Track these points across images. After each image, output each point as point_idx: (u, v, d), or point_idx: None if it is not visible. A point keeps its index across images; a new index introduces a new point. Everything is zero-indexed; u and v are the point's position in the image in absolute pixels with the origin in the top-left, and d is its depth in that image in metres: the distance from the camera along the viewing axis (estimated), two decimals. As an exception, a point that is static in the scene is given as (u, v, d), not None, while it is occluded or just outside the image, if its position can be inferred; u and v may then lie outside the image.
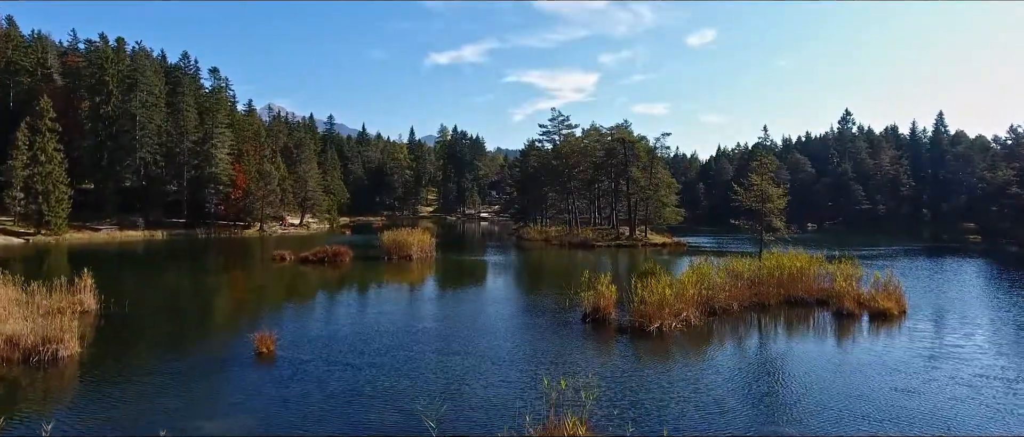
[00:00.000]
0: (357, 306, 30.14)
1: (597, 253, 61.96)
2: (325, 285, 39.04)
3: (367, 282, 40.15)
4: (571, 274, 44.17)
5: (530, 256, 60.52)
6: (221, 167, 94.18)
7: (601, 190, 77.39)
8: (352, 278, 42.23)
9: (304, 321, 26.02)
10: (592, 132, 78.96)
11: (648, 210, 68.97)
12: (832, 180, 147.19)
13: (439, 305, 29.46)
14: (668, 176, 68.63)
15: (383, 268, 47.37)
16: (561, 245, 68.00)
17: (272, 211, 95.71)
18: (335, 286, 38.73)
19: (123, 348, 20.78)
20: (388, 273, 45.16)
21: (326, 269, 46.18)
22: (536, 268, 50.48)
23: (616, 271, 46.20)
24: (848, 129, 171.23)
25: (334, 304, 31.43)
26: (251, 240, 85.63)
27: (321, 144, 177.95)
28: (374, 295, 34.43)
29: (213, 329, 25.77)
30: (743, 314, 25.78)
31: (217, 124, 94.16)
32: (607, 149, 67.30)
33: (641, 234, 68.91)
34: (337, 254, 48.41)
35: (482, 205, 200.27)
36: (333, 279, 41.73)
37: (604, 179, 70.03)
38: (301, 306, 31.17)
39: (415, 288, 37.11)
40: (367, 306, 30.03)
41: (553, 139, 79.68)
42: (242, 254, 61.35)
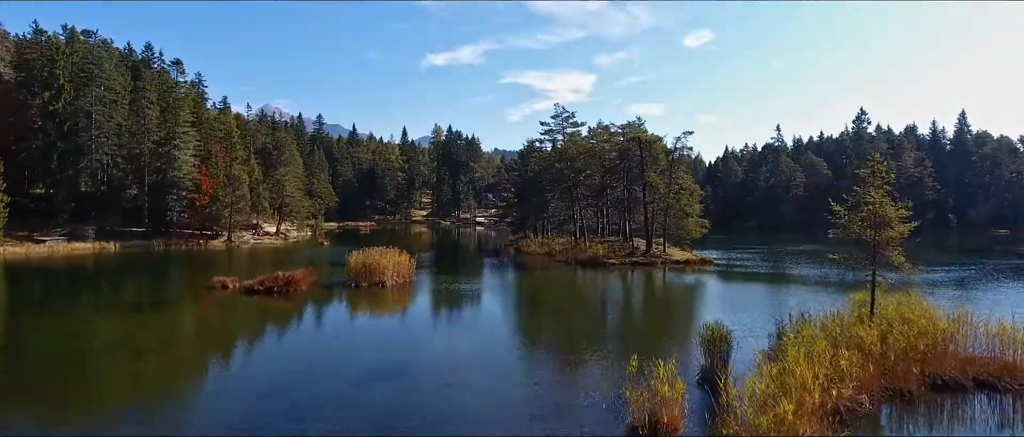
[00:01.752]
0: (286, 376, 20.46)
1: (611, 273, 52.40)
2: (257, 333, 29.37)
3: (319, 325, 30.52)
4: (591, 311, 35.31)
5: (533, 279, 50.91)
6: (184, 170, 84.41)
7: (612, 198, 67.64)
8: (301, 319, 32.59)
9: (191, 408, 16.36)
10: (601, 131, 69.31)
11: (667, 221, 59.40)
12: (851, 183, 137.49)
13: (403, 386, 19.76)
14: (691, 181, 59.16)
15: (347, 300, 37.76)
16: (566, 262, 58.38)
17: (242, 219, 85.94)
18: (274, 332, 29.07)
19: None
20: (353, 306, 35.60)
21: (275, 302, 36.53)
22: (542, 301, 40.77)
23: (647, 305, 36.56)
24: (863, 129, 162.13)
25: (255, 371, 21.76)
26: (214, 253, 75.85)
27: (309, 145, 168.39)
28: (317, 352, 24.76)
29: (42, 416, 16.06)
30: (876, 412, 16.20)
31: (179, 122, 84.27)
32: (620, 150, 57.73)
33: (659, 248, 59.34)
34: (291, 282, 38.73)
35: (478, 209, 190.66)
36: (277, 318, 32.07)
37: (616, 185, 60.34)
38: (205, 373, 21.54)
39: (377, 341, 27.42)
40: (298, 377, 20.34)
41: (556, 139, 70.09)
42: (189, 274, 51.61)
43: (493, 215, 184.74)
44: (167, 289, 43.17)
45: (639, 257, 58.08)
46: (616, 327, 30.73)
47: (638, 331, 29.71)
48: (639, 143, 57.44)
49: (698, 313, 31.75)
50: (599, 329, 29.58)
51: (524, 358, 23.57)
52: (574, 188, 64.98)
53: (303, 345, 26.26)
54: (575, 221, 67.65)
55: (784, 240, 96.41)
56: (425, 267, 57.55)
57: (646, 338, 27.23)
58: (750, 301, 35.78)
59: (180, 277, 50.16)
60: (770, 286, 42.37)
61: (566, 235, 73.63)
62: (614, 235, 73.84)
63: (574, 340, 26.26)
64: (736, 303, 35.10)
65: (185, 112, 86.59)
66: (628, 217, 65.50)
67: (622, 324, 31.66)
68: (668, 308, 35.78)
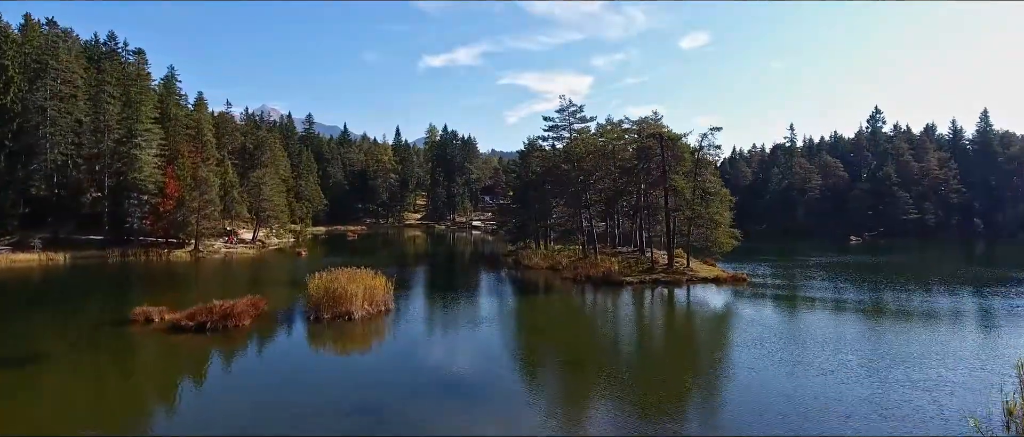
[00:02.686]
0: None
1: (632, 295, 44.08)
2: (150, 403, 20.89)
3: (245, 386, 22.06)
4: (619, 357, 24.00)
5: (539, 305, 42.57)
6: (146, 171, 75.83)
7: (626, 205, 59.10)
8: (228, 372, 24.13)
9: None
10: (611, 129, 60.77)
11: (692, 231, 51.09)
12: (872, 185, 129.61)
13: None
14: (720, 185, 50.77)
15: (299, 340, 29.39)
16: (575, 279, 49.99)
17: (211, 226, 77.37)
18: (176, 396, 20.59)
19: None
20: (304, 350, 27.25)
21: (205, 343, 28.14)
22: (554, 338, 32.21)
23: (707, 355, 27.97)
24: (879, 128, 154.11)
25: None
26: (176, 265, 67.34)
27: (298, 146, 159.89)
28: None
29: None
30: None
31: (141, 118, 75.70)
32: (639, 148, 49.25)
33: (681, 262, 51.03)
34: (229, 315, 30.23)
35: (474, 212, 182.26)
36: (196, 372, 23.60)
37: (633, 190, 51.76)
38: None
39: (320, 406, 18.96)
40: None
41: (561, 136, 61.54)
42: (125, 297, 43.05)
43: (490, 219, 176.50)
44: (75, 322, 34.59)
45: (660, 273, 49.73)
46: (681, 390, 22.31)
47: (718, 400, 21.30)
48: (660, 141, 49.01)
49: (836, 376, 23.18)
50: (633, 366, 21.17)
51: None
52: (583, 192, 56.46)
53: (205, 420, 17.79)
54: (583, 230, 59.14)
55: (805, 248, 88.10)
56: (410, 286, 49.22)
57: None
58: (879, 348, 27.07)
59: (111, 301, 41.62)
60: (869, 321, 33.68)
61: (572, 245, 65.23)
62: (625, 246, 65.50)
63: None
64: (766, 320, 26.77)
65: (148, 107, 78.00)
66: (644, 226, 57.08)
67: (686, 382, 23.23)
68: (759, 369, 25.78)
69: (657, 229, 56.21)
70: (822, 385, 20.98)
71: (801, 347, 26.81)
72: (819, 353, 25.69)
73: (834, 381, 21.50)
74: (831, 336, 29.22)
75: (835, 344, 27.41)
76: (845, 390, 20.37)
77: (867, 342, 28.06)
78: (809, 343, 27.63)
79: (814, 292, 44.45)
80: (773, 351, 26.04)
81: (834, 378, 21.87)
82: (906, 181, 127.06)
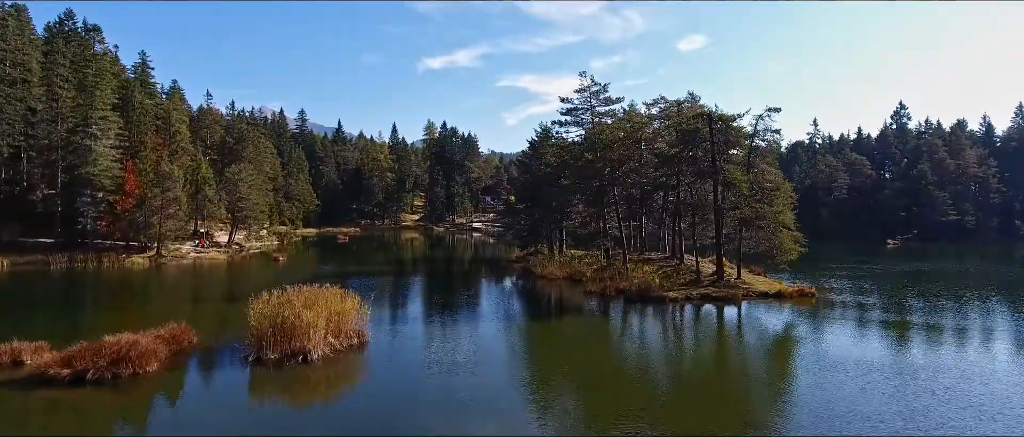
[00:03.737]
0: None
1: (678, 314, 34.70)
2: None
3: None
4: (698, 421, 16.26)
5: (565, 332, 33.10)
6: (102, 165, 66.28)
7: (663, 202, 49.28)
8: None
9: None
10: (634, 116, 51.07)
11: (741, 235, 41.63)
12: (905, 185, 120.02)
13: None
14: (780, 178, 41.14)
15: (225, 397, 19.95)
16: (604, 293, 40.47)
17: (176, 228, 67.76)
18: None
19: None
20: (228, 417, 17.77)
21: (81, 402, 18.73)
22: (596, 390, 22.55)
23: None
24: (905, 124, 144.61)
25: None
26: (129, 274, 57.83)
27: (290, 143, 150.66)
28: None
29: None
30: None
31: (95, 105, 66.17)
32: (683, 132, 39.60)
33: (731, 274, 41.56)
34: (126, 358, 20.72)
35: (475, 213, 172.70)
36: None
37: (673, 183, 41.83)
38: None
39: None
40: None
41: (582, 120, 51.84)
42: (35, 318, 33.48)
43: (491, 220, 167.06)
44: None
45: (708, 287, 40.22)
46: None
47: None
48: (709, 123, 39.40)
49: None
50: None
51: None
52: (610, 188, 46.72)
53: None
54: (608, 233, 49.53)
55: (840, 253, 78.61)
56: (399, 303, 39.78)
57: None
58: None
59: (5, 327, 32.03)
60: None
61: (591, 250, 55.66)
62: (653, 251, 56.00)
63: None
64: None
65: (105, 91, 68.45)
66: (680, 228, 47.52)
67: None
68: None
69: (696, 228, 46.63)
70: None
71: (955, 411, 17.37)
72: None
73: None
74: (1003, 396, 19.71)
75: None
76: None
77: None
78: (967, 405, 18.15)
79: (905, 313, 34.95)
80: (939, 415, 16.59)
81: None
82: (941, 180, 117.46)
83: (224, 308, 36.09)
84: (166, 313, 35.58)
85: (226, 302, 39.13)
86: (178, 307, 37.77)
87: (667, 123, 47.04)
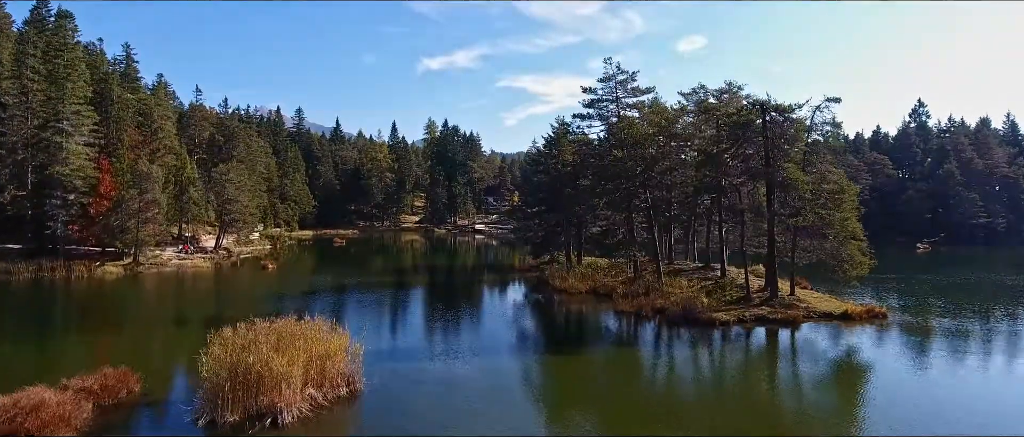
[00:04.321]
0: None
1: (734, 340, 29.09)
2: None
3: None
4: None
5: (605, 368, 27.43)
6: (75, 164, 60.50)
7: (704, 206, 43.23)
8: None
9: None
10: (659, 111, 45.07)
11: (795, 243, 35.91)
12: (931, 185, 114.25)
13: None
14: (843, 178, 35.24)
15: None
16: (641, 312, 34.73)
17: (155, 232, 61.93)
18: None
19: None
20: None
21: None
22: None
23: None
24: (924, 122, 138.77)
25: None
26: (103, 284, 52.14)
27: (286, 142, 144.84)
28: None
29: None
30: None
31: (67, 98, 60.40)
32: (733, 125, 33.70)
33: (783, 288, 35.85)
34: (20, 429, 14.90)
35: (477, 214, 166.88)
36: None
37: (724, 184, 35.57)
38: None
39: None
40: None
41: (606, 114, 45.93)
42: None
43: (495, 222, 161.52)
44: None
45: (761, 306, 34.47)
46: None
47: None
48: (762, 112, 33.63)
49: None
50: None
51: None
52: (642, 189, 40.77)
53: None
54: (636, 240, 43.66)
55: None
56: (399, 325, 34.13)
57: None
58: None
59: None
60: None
61: (610, 258, 49.84)
62: (682, 259, 50.28)
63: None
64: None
65: (78, 84, 62.67)
66: (720, 235, 41.70)
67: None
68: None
69: (739, 235, 40.91)
70: None
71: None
72: None
73: None
74: None
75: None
76: None
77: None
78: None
79: (1015, 341, 29.23)
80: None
81: None
82: (968, 181, 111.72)
83: (191, 334, 30.38)
84: (118, 341, 29.90)
85: (196, 325, 33.35)
86: (136, 332, 32.09)
87: (706, 116, 41.07)
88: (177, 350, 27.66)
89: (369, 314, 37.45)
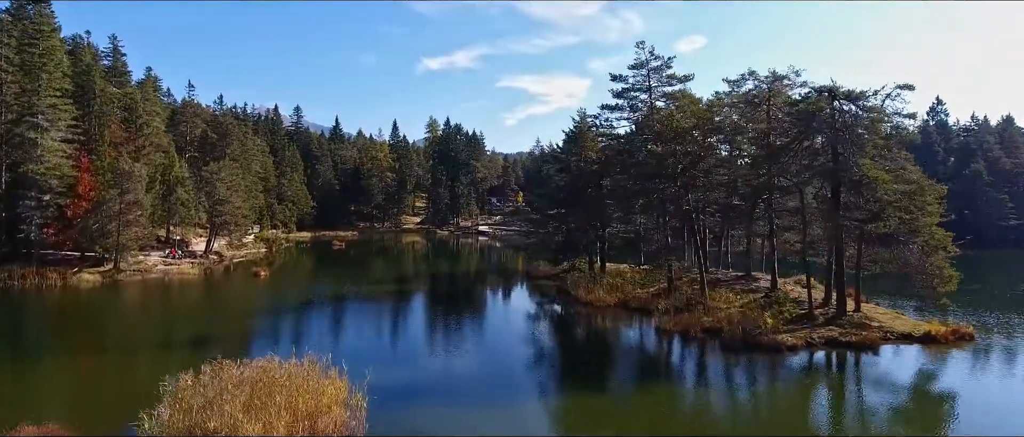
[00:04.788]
0: None
1: (812, 369, 24.38)
2: None
3: None
4: None
5: (664, 419, 22.41)
6: (51, 162, 55.65)
7: (758, 208, 37.99)
8: None
9: None
10: (692, 104, 39.92)
11: (869, 250, 31.12)
12: (957, 186, 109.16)
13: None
14: (921, 175, 30.35)
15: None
16: (685, 334, 29.82)
17: (138, 235, 56.99)
18: None
19: None
20: None
21: None
22: None
23: None
24: (944, 120, 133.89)
25: None
26: (77, 294, 47.36)
27: (284, 141, 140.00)
28: None
29: None
30: None
31: (42, 91, 55.57)
32: (799, 114, 28.79)
33: (850, 303, 31.04)
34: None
35: (480, 215, 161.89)
36: None
37: (781, 181, 30.67)
38: None
39: None
40: None
41: (637, 105, 40.82)
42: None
43: (498, 223, 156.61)
44: None
45: (826, 326, 29.64)
46: None
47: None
48: (831, 100, 28.78)
49: None
50: None
51: None
52: (683, 190, 35.69)
53: None
54: (669, 245, 38.68)
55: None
56: (400, 345, 29.36)
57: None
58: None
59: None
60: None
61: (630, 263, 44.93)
62: (714, 267, 45.36)
63: None
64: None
65: (54, 75, 57.83)
66: (770, 240, 36.85)
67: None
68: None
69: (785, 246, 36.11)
70: None
71: None
72: None
73: None
74: None
75: None
76: None
77: None
78: None
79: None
80: None
81: None
82: (997, 181, 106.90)
83: (159, 364, 25.48)
84: (66, 375, 25.01)
85: (166, 351, 28.45)
86: (92, 362, 27.17)
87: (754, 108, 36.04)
88: (135, 389, 22.76)
89: (369, 336, 32.67)
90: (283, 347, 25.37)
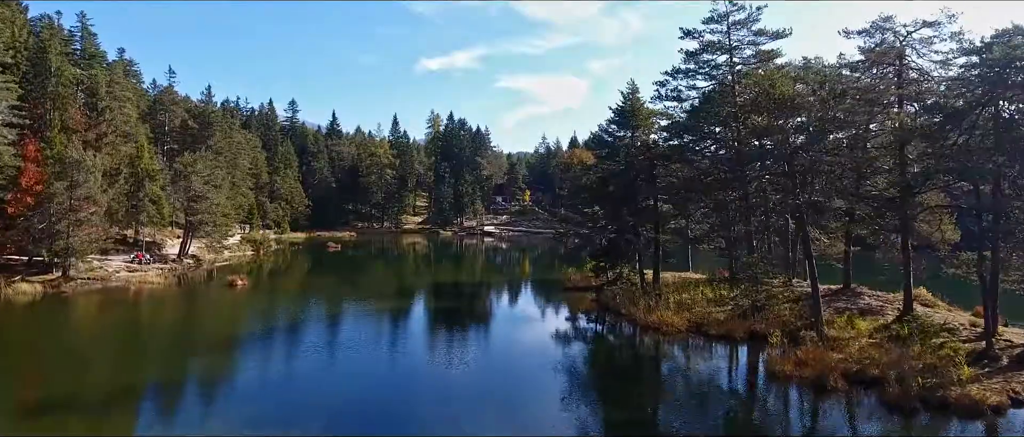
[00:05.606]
0: None
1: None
2: None
3: None
4: None
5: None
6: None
7: (919, 205, 28.54)
8: None
9: None
10: (788, 71, 30.76)
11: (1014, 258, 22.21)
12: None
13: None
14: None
15: None
16: (819, 383, 20.80)
17: (93, 236, 48.02)
18: None
19: None
20: None
21: None
22: None
23: None
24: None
25: None
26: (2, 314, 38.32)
27: (279, 137, 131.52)
28: None
29: None
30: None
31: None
32: (956, 81, 20.09)
33: (1003, 331, 22.17)
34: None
35: (486, 214, 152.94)
36: None
37: (939, 176, 21.98)
38: None
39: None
40: None
41: (715, 71, 31.61)
42: None
43: (504, 223, 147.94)
44: None
45: (1016, 368, 20.65)
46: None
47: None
48: (1006, 73, 19.87)
49: None
50: None
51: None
52: (799, 187, 25.92)
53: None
54: (755, 253, 29.70)
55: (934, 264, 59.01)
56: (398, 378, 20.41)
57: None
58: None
59: None
60: None
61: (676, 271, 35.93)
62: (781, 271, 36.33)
63: None
64: None
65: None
66: (906, 245, 27.87)
67: None
68: None
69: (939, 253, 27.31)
70: None
71: None
72: None
73: None
74: None
75: None
76: None
77: None
78: None
79: None
80: None
81: None
82: None
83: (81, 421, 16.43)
84: None
85: (20, 412, 19.43)
86: None
87: (897, 70, 26.96)
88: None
89: (345, 393, 23.31)
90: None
